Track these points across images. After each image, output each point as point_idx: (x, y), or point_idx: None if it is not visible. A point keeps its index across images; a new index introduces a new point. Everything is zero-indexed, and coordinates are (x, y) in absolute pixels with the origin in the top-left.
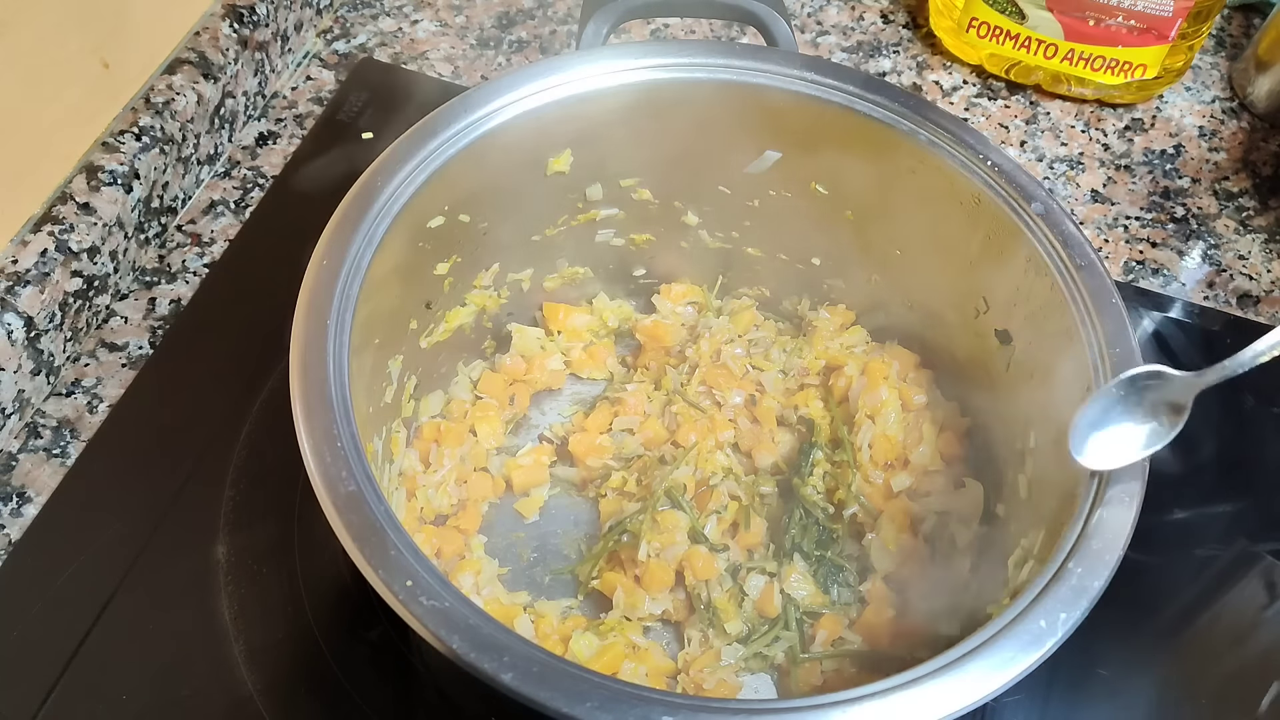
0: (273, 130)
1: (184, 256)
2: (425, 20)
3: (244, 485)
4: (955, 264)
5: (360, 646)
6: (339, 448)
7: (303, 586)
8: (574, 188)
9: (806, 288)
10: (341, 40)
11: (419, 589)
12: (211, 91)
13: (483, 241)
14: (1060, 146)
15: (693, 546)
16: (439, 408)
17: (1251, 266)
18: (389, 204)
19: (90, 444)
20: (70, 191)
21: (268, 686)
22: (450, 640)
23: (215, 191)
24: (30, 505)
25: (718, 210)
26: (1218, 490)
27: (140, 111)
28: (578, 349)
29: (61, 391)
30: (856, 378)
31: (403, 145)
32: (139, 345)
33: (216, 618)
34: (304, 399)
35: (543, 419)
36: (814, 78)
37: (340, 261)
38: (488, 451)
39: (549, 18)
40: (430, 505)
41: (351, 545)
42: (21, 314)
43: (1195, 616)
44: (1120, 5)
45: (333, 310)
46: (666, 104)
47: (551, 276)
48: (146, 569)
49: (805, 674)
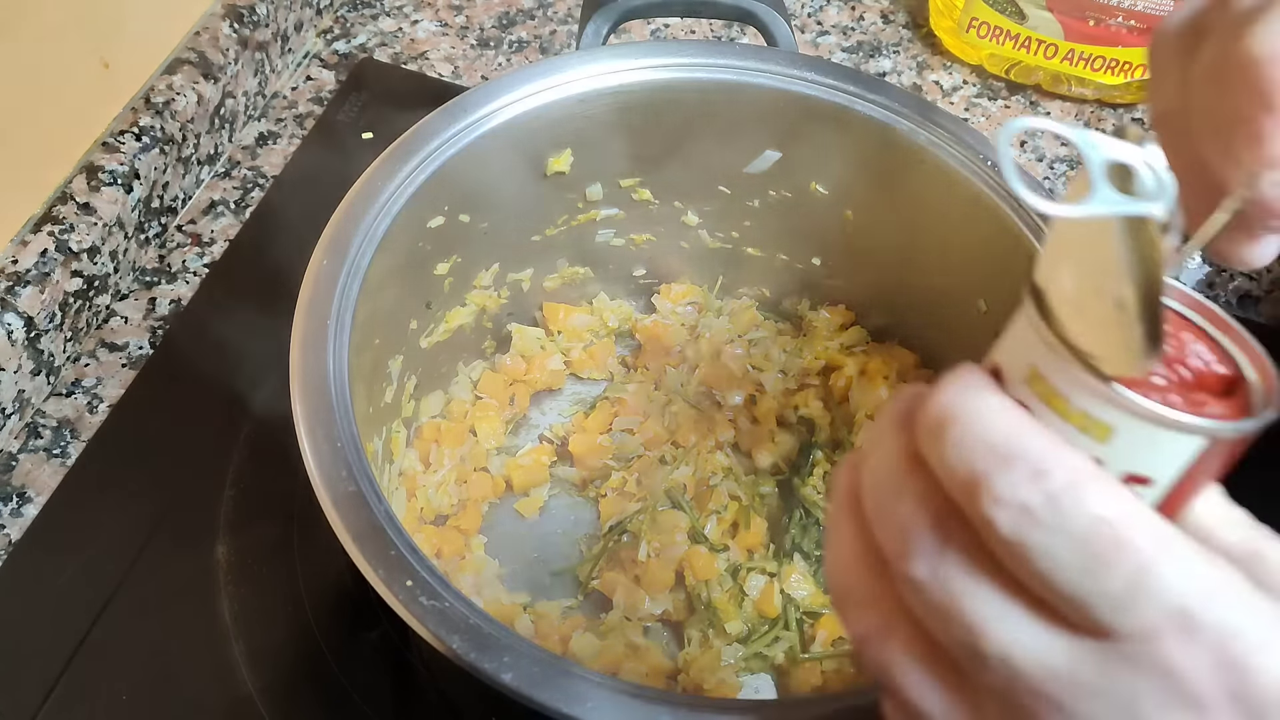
0: (273, 130)
1: (184, 256)
2: (425, 20)
3: (244, 485)
4: (955, 264)
5: (360, 646)
6: (339, 448)
7: (303, 587)
8: (574, 188)
9: (806, 288)
10: (341, 40)
11: (419, 589)
12: (211, 91)
13: (483, 241)
14: (1061, 147)
15: (693, 546)
16: (439, 408)
17: None
18: (389, 204)
19: (90, 444)
20: (70, 191)
21: (268, 686)
22: (450, 640)
23: (215, 191)
24: (30, 505)
25: (718, 210)
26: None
27: (140, 111)
28: (578, 349)
29: (61, 391)
30: (856, 378)
31: (402, 145)
32: (139, 345)
33: (216, 618)
34: (304, 399)
35: (543, 419)
36: (814, 78)
37: (340, 261)
38: (488, 451)
39: (549, 18)
40: (430, 505)
41: (351, 545)
42: (22, 314)
43: None
44: (1120, 5)
45: (333, 310)
46: (666, 104)
47: (551, 276)
48: (146, 569)
49: (805, 674)
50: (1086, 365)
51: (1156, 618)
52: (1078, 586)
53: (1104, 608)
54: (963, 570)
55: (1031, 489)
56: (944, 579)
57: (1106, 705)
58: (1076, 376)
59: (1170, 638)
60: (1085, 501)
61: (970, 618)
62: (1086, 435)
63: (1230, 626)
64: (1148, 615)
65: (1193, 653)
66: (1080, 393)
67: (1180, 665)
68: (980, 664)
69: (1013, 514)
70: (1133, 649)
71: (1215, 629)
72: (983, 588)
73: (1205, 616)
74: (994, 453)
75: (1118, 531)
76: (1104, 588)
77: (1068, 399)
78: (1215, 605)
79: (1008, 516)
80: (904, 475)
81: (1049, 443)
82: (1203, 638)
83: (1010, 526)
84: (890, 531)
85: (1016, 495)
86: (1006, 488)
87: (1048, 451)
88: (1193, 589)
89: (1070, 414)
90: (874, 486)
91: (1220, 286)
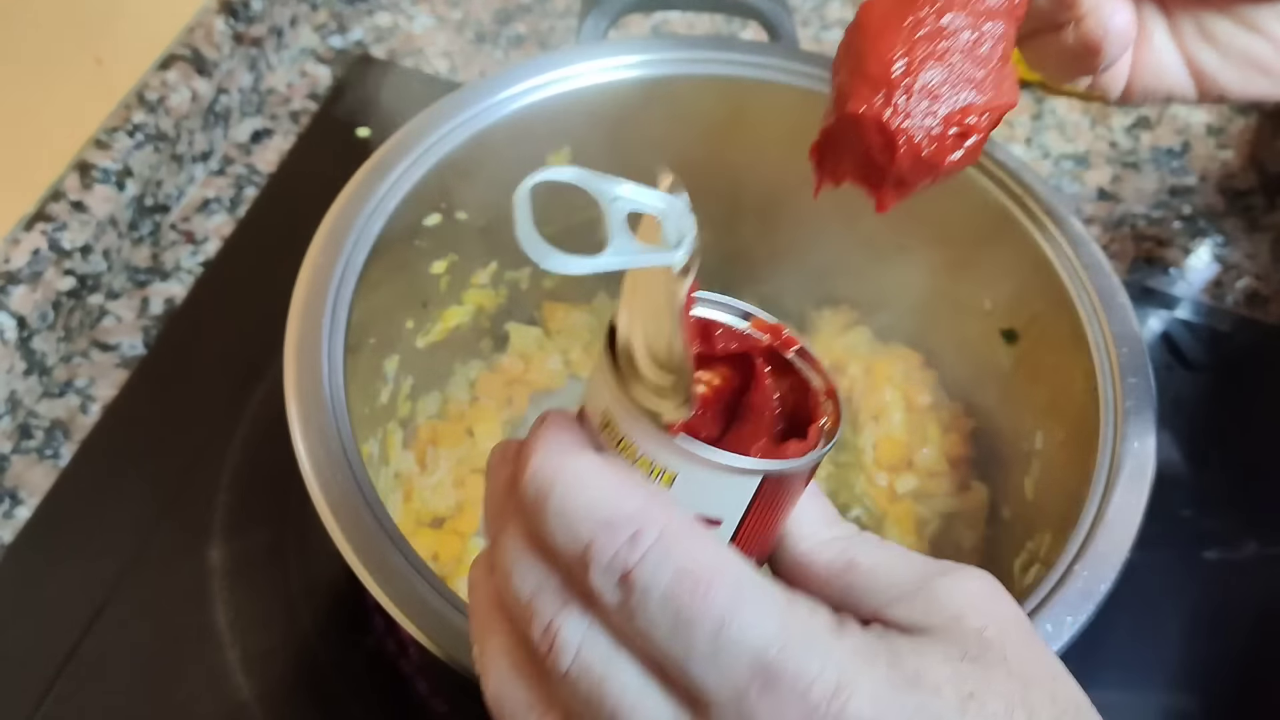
0: (267, 127)
1: (178, 255)
2: (422, 15)
3: (238, 488)
4: (959, 263)
5: (356, 651)
6: (334, 449)
7: (298, 591)
8: (573, 185)
9: (808, 287)
10: (337, 35)
11: (416, 593)
12: (205, 88)
13: (480, 239)
14: (1066, 143)
15: None
16: (436, 409)
17: (1260, 265)
18: (384, 201)
19: (83, 445)
20: (63, 189)
21: (263, 692)
22: (447, 645)
23: (209, 189)
24: (22, 508)
25: (718, 208)
26: (1226, 492)
27: (133, 108)
28: (577, 349)
29: (54, 392)
30: (860, 378)
31: (398, 142)
32: (132, 345)
33: (211, 623)
34: (299, 400)
35: None
36: (817, 73)
37: (335, 260)
38: (485, 453)
39: (548, 12)
40: (427, 508)
41: (347, 549)
42: (14, 314)
43: (1203, 620)
44: None
45: (327, 310)
46: (667, 99)
47: (550, 275)
48: (140, 573)
49: None
50: (644, 413)
51: (741, 675)
52: (672, 648)
53: (697, 670)
54: (602, 653)
55: (629, 552)
56: (585, 666)
57: None
58: (638, 424)
59: (755, 694)
60: (671, 554)
61: (614, 702)
62: (655, 481)
63: (808, 673)
64: (734, 673)
65: (778, 707)
66: (644, 440)
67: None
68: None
69: (614, 579)
70: (729, 715)
71: (793, 677)
72: (622, 669)
73: (784, 666)
74: (594, 519)
75: (697, 584)
76: (692, 645)
77: (635, 446)
78: (791, 652)
79: (610, 583)
80: (528, 560)
81: (642, 499)
82: (784, 688)
83: (614, 594)
84: (535, 626)
85: (618, 562)
86: (610, 554)
87: (641, 509)
88: (769, 638)
89: (639, 460)
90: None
91: (1228, 286)
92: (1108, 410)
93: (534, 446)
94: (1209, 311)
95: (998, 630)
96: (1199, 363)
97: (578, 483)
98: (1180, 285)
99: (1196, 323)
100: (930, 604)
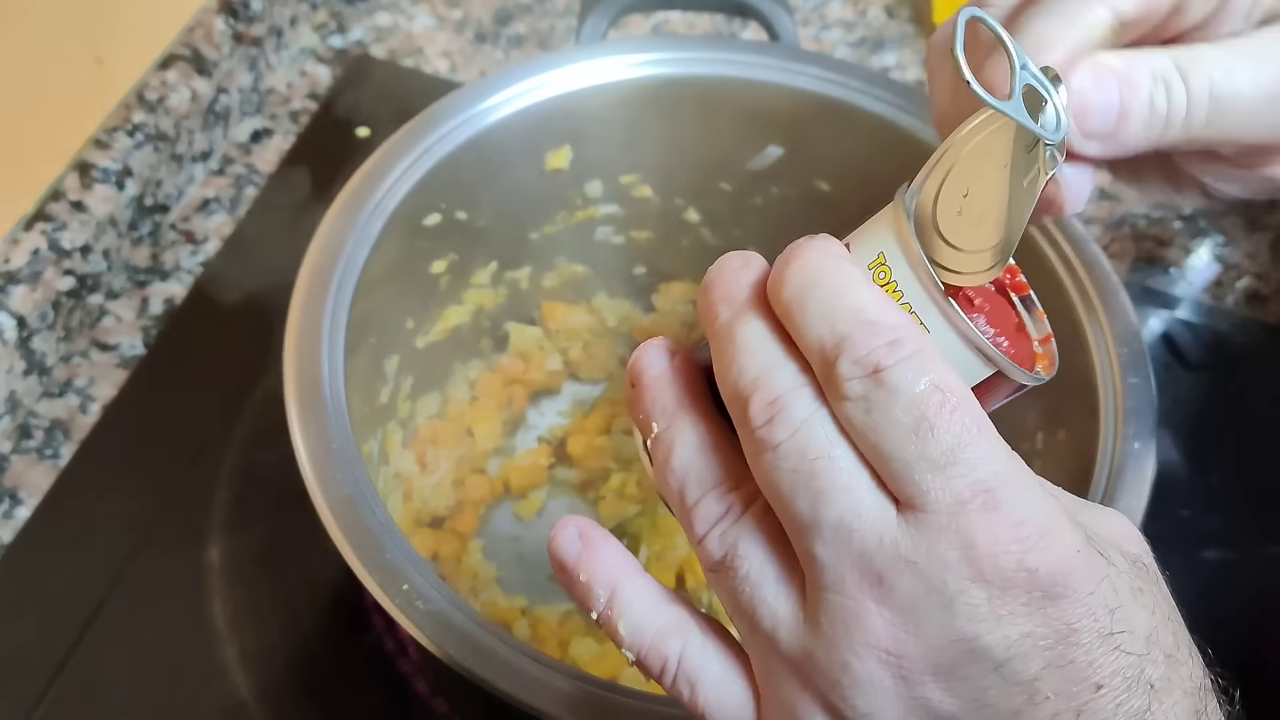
0: (267, 126)
1: (177, 255)
2: (422, 15)
3: (238, 487)
4: None
5: (356, 650)
6: (334, 449)
7: (297, 590)
8: (573, 184)
9: None
10: (337, 35)
11: (415, 593)
12: (205, 88)
13: (480, 239)
14: None
15: (693, 550)
16: (436, 408)
17: (1260, 265)
18: (384, 201)
19: (83, 445)
20: (62, 189)
21: (262, 691)
22: (446, 645)
23: (209, 189)
24: (22, 507)
25: (719, 208)
26: (1226, 491)
27: (133, 108)
28: (576, 348)
29: (53, 392)
30: None
31: (398, 142)
32: (132, 345)
33: (210, 621)
34: (298, 399)
35: (541, 420)
36: (817, 73)
37: (335, 260)
38: (485, 453)
39: (547, 12)
40: (427, 507)
41: (347, 548)
42: (13, 314)
43: (1202, 619)
44: None
45: (327, 310)
46: (667, 99)
47: (550, 275)
48: (139, 572)
49: None
50: (932, 265)
51: (966, 489)
52: (904, 449)
53: (921, 474)
54: (824, 434)
55: (887, 354)
56: (805, 442)
57: (917, 576)
58: (918, 272)
59: (975, 509)
60: (928, 369)
61: (820, 483)
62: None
63: (1023, 510)
64: (960, 485)
65: (992, 526)
66: (915, 290)
67: (980, 539)
68: (815, 534)
69: (864, 370)
70: (942, 520)
71: (1010, 508)
72: (841, 453)
73: (1005, 496)
74: (859, 318)
75: (945, 400)
76: (926, 451)
77: (903, 292)
78: (1015, 489)
79: (859, 373)
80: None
81: (904, 318)
82: (1001, 513)
83: (860, 385)
84: (758, 399)
85: (872, 358)
86: (866, 350)
87: (903, 325)
88: (999, 469)
89: (900, 306)
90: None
91: (1228, 286)
92: (1108, 410)
93: (802, 249)
94: (1209, 311)
95: (1150, 561)
96: (1199, 363)
97: (846, 285)
98: (1180, 285)
99: (1196, 323)
100: (1090, 528)
